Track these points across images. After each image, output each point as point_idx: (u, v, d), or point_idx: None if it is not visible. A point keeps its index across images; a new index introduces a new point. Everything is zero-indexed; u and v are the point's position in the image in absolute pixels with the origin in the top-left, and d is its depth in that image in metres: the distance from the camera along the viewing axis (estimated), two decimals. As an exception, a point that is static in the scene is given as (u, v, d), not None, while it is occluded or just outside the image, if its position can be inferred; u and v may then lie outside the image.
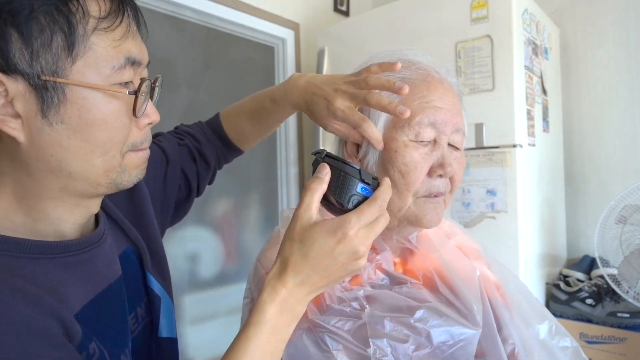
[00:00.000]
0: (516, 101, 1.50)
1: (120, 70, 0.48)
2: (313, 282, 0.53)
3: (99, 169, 0.50)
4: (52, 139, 0.47)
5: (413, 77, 0.67)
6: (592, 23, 1.91)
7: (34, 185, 0.49)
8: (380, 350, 0.57)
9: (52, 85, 0.45)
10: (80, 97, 0.47)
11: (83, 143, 0.48)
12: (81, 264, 0.53)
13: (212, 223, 1.92)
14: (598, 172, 1.91)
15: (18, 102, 0.45)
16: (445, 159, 0.65)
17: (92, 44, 0.46)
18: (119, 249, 0.63)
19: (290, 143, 2.22)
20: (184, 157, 0.86)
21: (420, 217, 0.66)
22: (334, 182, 0.55)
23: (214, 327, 1.86)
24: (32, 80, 0.45)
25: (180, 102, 1.83)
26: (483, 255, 0.74)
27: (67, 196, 0.51)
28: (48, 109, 0.46)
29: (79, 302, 0.50)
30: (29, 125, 0.46)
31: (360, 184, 0.54)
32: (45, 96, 0.45)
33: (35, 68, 0.44)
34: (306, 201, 0.54)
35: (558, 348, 0.66)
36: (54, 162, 0.48)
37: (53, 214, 0.52)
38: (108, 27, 0.47)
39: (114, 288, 0.56)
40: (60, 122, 0.47)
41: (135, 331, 0.61)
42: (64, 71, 0.45)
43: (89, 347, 0.49)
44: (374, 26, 1.88)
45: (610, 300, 1.54)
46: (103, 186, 0.52)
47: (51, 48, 0.45)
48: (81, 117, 0.47)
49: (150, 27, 0.56)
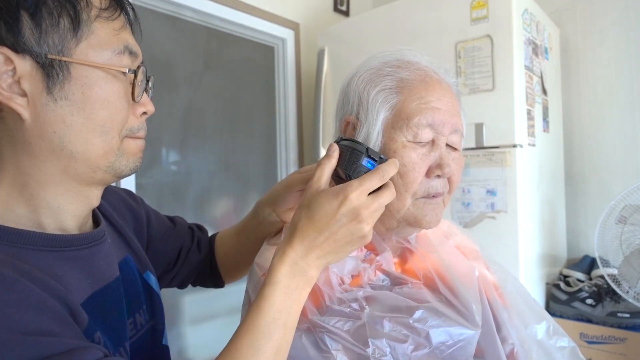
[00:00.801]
0: (516, 101, 1.50)
1: (119, 55, 0.53)
2: (320, 244, 0.56)
3: (99, 149, 0.53)
4: (56, 115, 0.50)
5: (411, 77, 0.67)
6: (592, 23, 1.91)
7: (36, 169, 0.51)
8: (379, 350, 0.57)
9: (57, 63, 0.49)
10: (84, 75, 0.50)
11: (85, 120, 0.51)
12: (81, 260, 0.54)
13: (212, 223, 1.92)
14: (598, 172, 1.91)
15: (25, 80, 0.48)
16: (443, 159, 0.65)
17: (95, 28, 0.51)
18: (119, 255, 0.64)
19: (290, 143, 2.22)
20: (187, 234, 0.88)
21: (419, 218, 0.66)
22: (343, 158, 0.60)
23: (214, 327, 1.87)
24: (39, 58, 0.48)
25: (180, 102, 1.84)
26: (481, 255, 0.74)
27: (67, 181, 0.53)
28: (53, 85, 0.49)
29: (80, 295, 0.52)
30: (34, 102, 0.49)
31: (366, 159, 0.59)
32: (51, 73, 0.49)
33: (43, 47, 0.48)
34: (317, 174, 0.59)
35: (556, 348, 0.67)
36: (56, 140, 0.50)
37: (54, 202, 0.53)
38: (109, 17, 0.52)
39: (112, 287, 0.58)
40: (65, 99, 0.50)
41: (134, 337, 0.62)
42: (69, 50, 0.49)
43: (94, 335, 0.51)
44: (374, 26, 1.88)
45: (610, 300, 1.54)
46: (102, 169, 0.54)
47: (58, 29, 0.49)
48: (84, 93, 0.50)
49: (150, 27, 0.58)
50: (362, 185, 0.55)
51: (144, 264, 0.70)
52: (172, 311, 1.76)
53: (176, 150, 1.84)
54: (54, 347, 0.42)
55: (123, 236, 0.68)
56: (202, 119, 1.93)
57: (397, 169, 0.59)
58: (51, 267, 0.50)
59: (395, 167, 0.59)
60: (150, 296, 0.68)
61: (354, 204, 0.54)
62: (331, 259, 0.57)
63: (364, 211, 0.55)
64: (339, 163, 0.60)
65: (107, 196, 0.71)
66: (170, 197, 1.80)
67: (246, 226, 0.84)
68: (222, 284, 0.90)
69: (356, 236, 0.56)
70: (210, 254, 0.89)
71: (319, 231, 0.55)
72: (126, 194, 0.78)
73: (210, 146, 1.95)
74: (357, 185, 0.55)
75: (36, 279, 0.46)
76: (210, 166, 1.94)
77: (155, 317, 0.69)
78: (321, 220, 0.55)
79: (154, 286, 0.70)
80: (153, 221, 0.80)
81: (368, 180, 0.56)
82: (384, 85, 0.67)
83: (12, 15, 0.47)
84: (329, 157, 0.60)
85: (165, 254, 0.82)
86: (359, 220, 0.55)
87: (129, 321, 0.61)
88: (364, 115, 0.68)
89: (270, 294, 0.54)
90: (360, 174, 0.58)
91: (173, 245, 0.83)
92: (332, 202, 0.55)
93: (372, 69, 0.69)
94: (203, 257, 0.87)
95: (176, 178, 1.82)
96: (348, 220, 0.55)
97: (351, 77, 0.72)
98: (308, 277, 0.56)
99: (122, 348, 0.57)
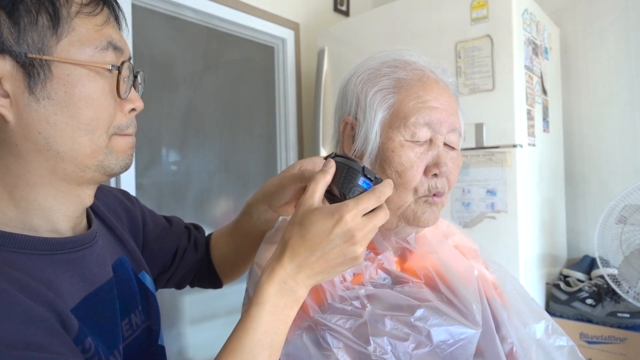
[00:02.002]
0: (516, 101, 1.50)
1: (102, 51, 0.51)
2: (311, 264, 0.54)
3: (86, 147, 0.51)
4: (39, 116, 0.49)
5: (409, 77, 0.67)
6: (592, 23, 1.91)
7: (24, 170, 0.51)
8: (380, 348, 0.57)
9: (38, 62, 0.48)
10: (66, 74, 0.49)
11: (69, 119, 0.50)
12: (73, 263, 0.54)
13: (212, 223, 1.92)
14: (598, 172, 1.91)
15: (6, 81, 0.47)
16: (440, 158, 0.65)
17: (75, 25, 0.50)
18: (113, 256, 0.63)
19: (290, 143, 2.22)
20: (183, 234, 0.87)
21: (417, 216, 0.67)
22: (339, 176, 0.58)
23: (214, 327, 1.87)
24: (19, 58, 0.47)
25: (180, 102, 1.84)
26: (480, 255, 0.74)
27: (57, 181, 0.52)
28: (35, 84, 0.48)
29: (72, 299, 0.51)
30: (16, 103, 0.48)
31: (362, 178, 0.57)
32: (32, 73, 0.48)
33: (22, 46, 0.47)
34: (310, 190, 0.57)
35: (554, 347, 0.67)
36: (41, 141, 0.49)
37: (45, 203, 0.52)
38: (90, 12, 0.51)
39: (105, 289, 0.57)
40: (47, 98, 0.49)
41: (130, 337, 0.62)
42: (49, 49, 0.48)
43: (85, 342, 0.50)
44: (373, 26, 1.88)
45: (610, 300, 1.54)
46: (91, 169, 0.53)
47: (37, 27, 0.47)
48: (67, 92, 0.49)
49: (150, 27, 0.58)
50: (358, 206, 0.54)
51: (140, 264, 0.70)
52: (171, 311, 1.76)
53: (176, 150, 1.84)
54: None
55: (118, 237, 0.67)
56: (202, 119, 1.93)
57: (392, 190, 0.58)
58: (42, 272, 0.49)
59: (390, 188, 0.57)
60: (146, 296, 0.68)
61: (349, 225, 0.53)
62: (320, 279, 0.56)
63: (358, 233, 0.53)
64: (333, 180, 0.59)
65: (102, 197, 0.70)
66: (170, 197, 1.80)
67: (240, 227, 0.83)
68: (220, 285, 0.89)
69: (349, 257, 0.54)
70: (207, 253, 0.88)
71: (311, 250, 0.54)
72: (122, 195, 0.78)
73: (210, 146, 1.96)
74: (353, 205, 0.54)
75: (25, 286, 0.45)
76: (210, 166, 1.94)
77: (151, 317, 0.68)
78: (314, 239, 0.54)
79: (149, 286, 0.70)
80: (149, 221, 0.80)
81: (364, 201, 0.55)
82: (381, 86, 0.67)
83: None
84: (324, 172, 0.58)
85: (161, 253, 0.81)
86: (353, 242, 0.54)
87: (125, 322, 0.61)
88: (362, 115, 0.68)
89: (257, 314, 0.53)
90: (356, 193, 0.57)
91: (169, 244, 0.83)
92: (326, 221, 0.53)
93: (370, 69, 0.70)
94: (200, 257, 0.86)
95: (176, 178, 1.82)
96: (342, 242, 0.53)
97: (349, 77, 0.72)
98: (297, 296, 0.55)
99: (115, 350, 0.56)
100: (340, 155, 0.62)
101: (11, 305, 0.42)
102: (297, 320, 0.60)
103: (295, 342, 0.58)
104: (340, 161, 0.60)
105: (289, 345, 0.59)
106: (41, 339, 0.42)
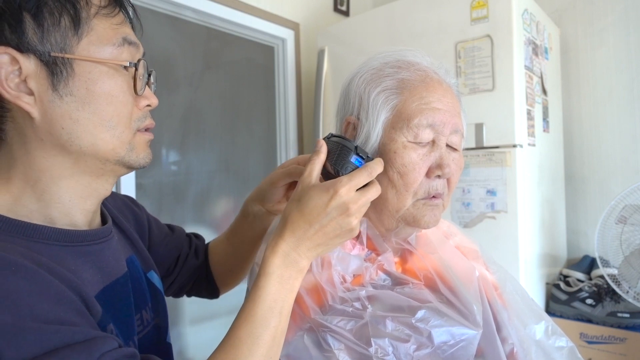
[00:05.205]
0: (516, 101, 1.50)
1: (119, 48, 0.54)
2: (310, 237, 0.58)
3: (108, 143, 0.54)
4: (62, 112, 0.52)
5: (412, 78, 0.67)
6: (592, 23, 1.91)
7: (49, 164, 0.53)
8: (382, 350, 0.57)
9: (61, 60, 0.51)
10: (87, 71, 0.52)
11: (91, 115, 0.53)
12: (93, 255, 0.56)
13: (212, 223, 1.92)
14: (598, 172, 1.91)
15: (31, 79, 0.50)
16: (443, 159, 0.65)
17: (94, 25, 0.53)
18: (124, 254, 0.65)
19: (290, 143, 2.22)
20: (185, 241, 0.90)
21: (418, 218, 0.66)
22: (333, 154, 0.62)
23: (214, 327, 1.87)
24: (43, 57, 0.50)
25: (180, 102, 1.84)
26: (481, 255, 0.74)
27: (78, 174, 0.55)
28: (58, 82, 0.51)
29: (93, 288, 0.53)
30: (41, 100, 0.51)
31: (354, 156, 0.61)
32: (55, 71, 0.51)
33: (46, 46, 0.50)
34: (308, 169, 0.61)
35: (554, 348, 0.67)
36: (65, 136, 0.52)
37: (65, 196, 0.55)
38: (108, 14, 0.54)
39: (121, 282, 0.59)
40: (70, 95, 0.52)
41: (141, 333, 0.63)
42: (71, 48, 0.51)
43: (107, 327, 0.52)
44: (374, 26, 1.88)
45: (610, 300, 1.54)
46: (111, 162, 0.56)
47: (59, 27, 0.51)
48: (88, 89, 0.52)
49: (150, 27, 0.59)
50: (351, 181, 0.57)
51: (148, 264, 0.72)
52: (172, 311, 1.76)
53: (176, 150, 1.84)
54: (75, 336, 0.43)
55: (127, 236, 0.70)
56: (202, 119, 1.93)
57: (382, 167, 0.61)
58: (64, 261, 0.51)
59: (381, 165, 0.61)
60: (154, 294, 0.70)
61: (344, 199, 0.57)
62: (321, 251, 0.59)
63: (352, 205, 0.57)
64: (328, 158, 0.62)
65: (111, 200, 0.73)
66: (170, 197, 1.80)
67: (237, 228, 0.87)
68: (217, 294, 0.92)
69: (345, 229, 0.58)
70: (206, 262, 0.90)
71: (310, 224, 0.57)
72: (129, 200, 0.81)
73: (210, 146, 1.95)
74: (346, 181, 0.57)
75: (53, 271, 0.47)
76: (210, 166, 1.94)
77: (159, 315, 0.70)
78: (312, 213, 0.57)
79: (157, 285, 0.72)
80: (154, 227, 0.82)
81: (357, 176, 0.58)
82: (384, 86, 0.67)
83: (15, 17, 0.49)
84: (317, 152, 0.62)
85: (165, 257, 0.84)
86: (347, 214, 0.57)
87: (137, 317, 0.63)
88: (365, 115, 0.68)
89: (265, 284, 0.56)
90: (348, 170, 0.60)
91: (172, 250, 0.85)
92: (322, 196, 0.57)
93: (373, 70, 0.70)
94: (200, 264, 0.89)
95: (176, 178, 1.82)
96: (337, 214, 0.57)
97: (352, 77, 0.72)
98: (300, 267, 0.58)
99: (131, 342, 0.58)
100: (336, 135, 0.65)
101: (45, 285, 0.44)
102: (298, 322, 0.60)
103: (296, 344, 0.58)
104: (335, 140, 0.63)
105: (290, 346, 0.59)
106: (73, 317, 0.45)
